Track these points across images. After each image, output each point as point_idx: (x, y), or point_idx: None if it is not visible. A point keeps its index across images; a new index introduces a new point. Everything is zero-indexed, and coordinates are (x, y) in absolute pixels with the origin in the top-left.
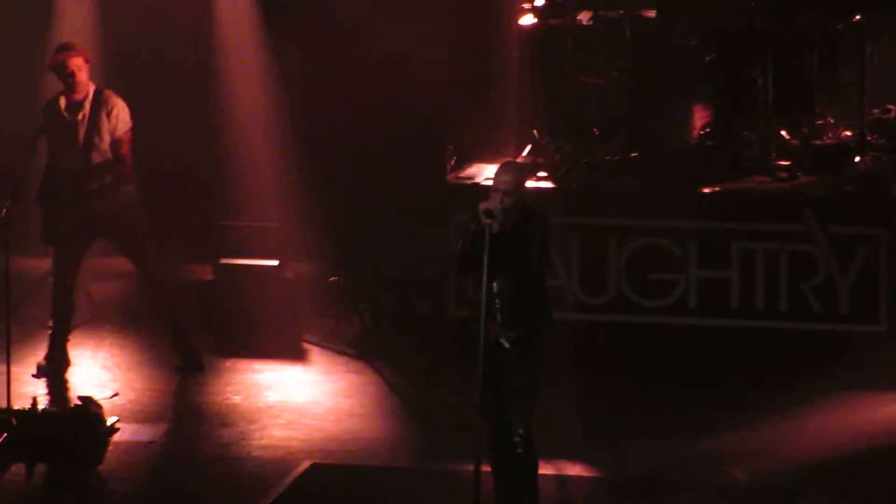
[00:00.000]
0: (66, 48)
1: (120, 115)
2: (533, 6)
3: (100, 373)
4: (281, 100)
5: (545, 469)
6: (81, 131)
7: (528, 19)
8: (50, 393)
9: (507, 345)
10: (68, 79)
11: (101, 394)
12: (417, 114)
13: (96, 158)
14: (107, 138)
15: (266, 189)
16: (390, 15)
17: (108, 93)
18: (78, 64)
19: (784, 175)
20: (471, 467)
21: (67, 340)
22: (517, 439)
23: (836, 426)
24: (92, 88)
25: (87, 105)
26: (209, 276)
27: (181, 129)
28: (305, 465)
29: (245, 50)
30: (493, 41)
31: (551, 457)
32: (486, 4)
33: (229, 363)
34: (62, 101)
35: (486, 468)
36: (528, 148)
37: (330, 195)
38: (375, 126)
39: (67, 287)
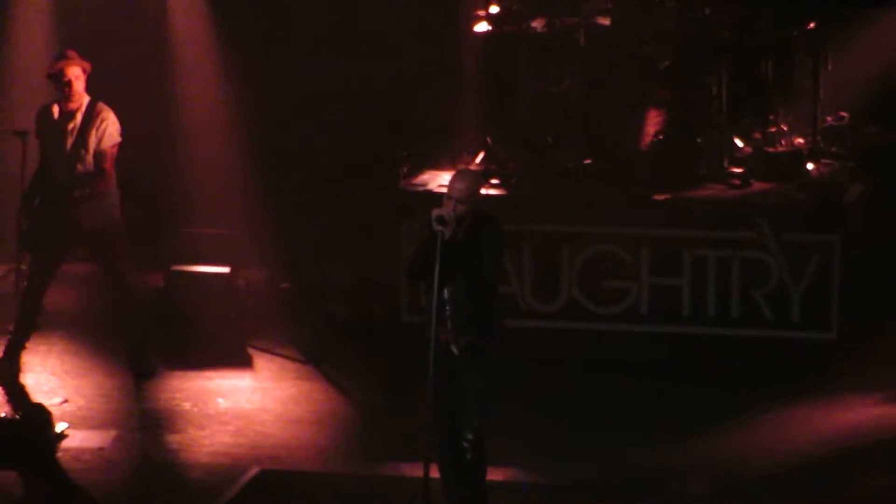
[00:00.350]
0: (64, 57)
1: (108, 129)
2: (487, 14)
3: (49, 379)
4: (234, 105)
5: (494, 475)
6: (69, 141)
7: (482, 27)
8: (2, 398)
9: (456, 351)
10: (65, 87)
11: (50, 400)
12: (372, 120)
13: (80, 169)
14: (93, 150)
15: (218, 195)
16: (346, 22)
17: (101, 105)
18: (76, 73)
19: (737, 182)
20: (421, 474)
21: (24, 348)
22: (467, 445)
23: (788, 433)
24: (86, 100)
25: (79, 116)
26: (161, 283)
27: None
28: (254, 471)
29: (197, 53)
30: (447, 49)
31: (500, 463)
32: (441, 12)
33: (180, 370)
34: (55, 109)
35: (436, 474)
36: (482, 155)
37: (282, 201)
38: (329, 132)
39: (38, 295)
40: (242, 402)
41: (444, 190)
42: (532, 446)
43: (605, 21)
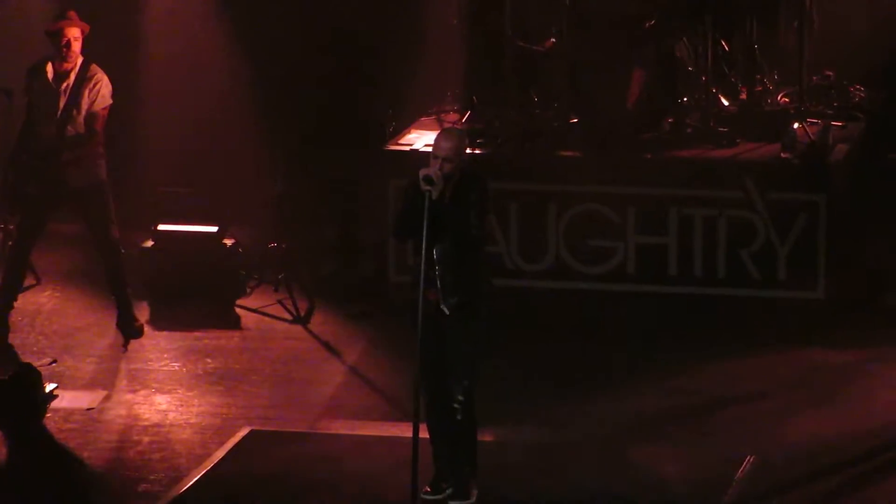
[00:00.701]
0: (65, 17)
1: (101, 91)
2: None
3: (38, 339)
4: (217, 62)
5: (483, 435)
6: (62, 101)
7: None
8: None
9: (447, 311)
10: (63, 48)
11: (38, 361)
12: (356, 78)
13: (70, 130)
14: (84, 111)
15: (205, 154)
16: None
17: (95, 67)
18: (75, 34)
19: (723, 141)
20: (410, 433)
21: (11, 308)
22: (457, 406)
23: (774, 393)
24: (80, 60)
25: (73, 76)
26: (148, 243)
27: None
28: (244, 431)
29: (186, 12)
30: (432, 6)
31: (490, 423)
32: None
33: (168, 330)
34: (49, 68)
35: (425, 434)
36: (468, 114)
37: (269, 160)
38: (314, 88)
39: (23, 255)
40: (231, 362)
41: (431, 149)
42: (522, 405)
43: None
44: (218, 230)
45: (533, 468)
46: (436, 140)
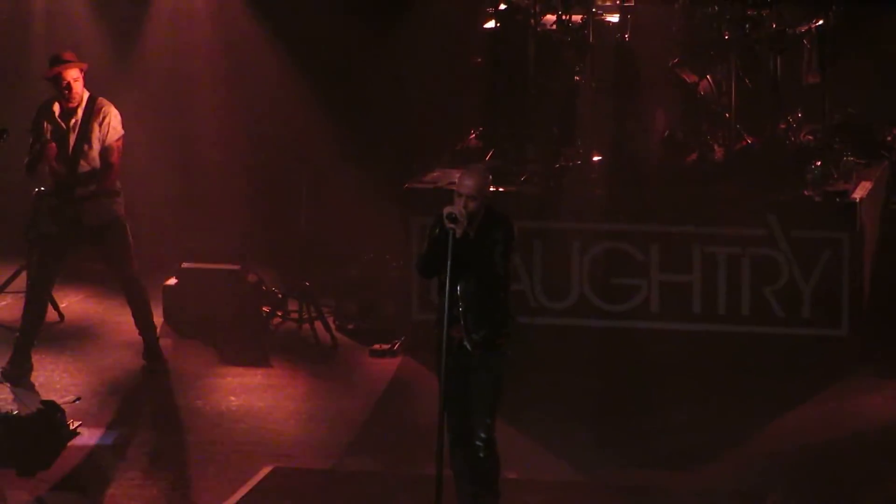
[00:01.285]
0: (60, 61)
1: (112, 124)
2: (496, 10)
3: (62, 377)
4: (240, 106)
5: (505, 473)
6: (72, 138)
7: (491, 23)
8: (13, 397)
9: (469, 347)
10: (64, 91)
11: (63, 398)
12: (381, 118)
13: (84, 166)
14: (97, 146)
15: (229, 193)
16: (355, 20)
17: (102, 101)
18: (74, 76)
19: (747, 179)
20: (433, 471)
21: (33, 345)
22: (479, 443)
23: (799, 429)
24: (86, 96)
25: (80, 112)
26: (171, 280)
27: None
28: (267, 468)
29: (210, 53)
30: (457, 45)
31: (514, 460)
32: (451, 9)
33: (192, 367)
34: (56, 107)
35: (448, 472)
36: (491, 152)
37: (291, 200)
38: (338, 129)
39: (43, 290)
40: (254, 400)
41: (454, 187)
42: (546, 443)
43: (614, 18)
44: (241, 267)
45: None
46: (459, 178)
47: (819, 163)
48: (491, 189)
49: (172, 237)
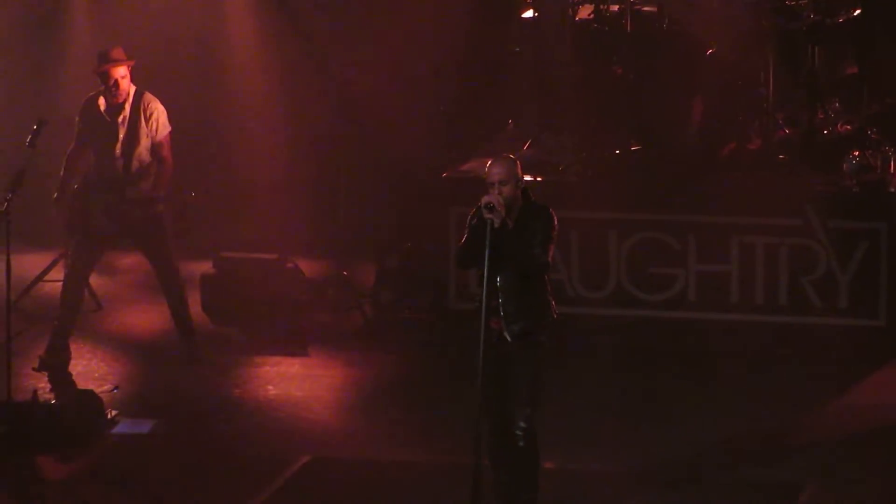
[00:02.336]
0: (108, 59)
1: (160, 119)
2: (534, 0)
3: (100, 366)
4: (282, 96)
5: (545, 463)
6: (121, 133)
7: (529, 13)
8: (51, 386)
9: (509, 338)
10: (112, 88)
11: (101, 387)
12: (419, 108)
13: (134, 164)
14: (145, 142)
15: (268, 183)
16: (392, 9)
17: (149, 96)
18: (122, 73)
19: (784, 169)
20: (471, 461)
21: (70, 334)
22: (519, 433)
23: (836, 419)
24: (133, 90)
25: (128, 107)
26: (210, 269)
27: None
28: (305, 458)
29: (244, 45)
30: (495, 35)
31: (552, 451)
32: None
33: (229, 357)
34: (101, 102)
35: (486, 462)
36: (529, 142)
37: (331, 189)
38: (378, 119)
39: (80, 280)
40: (292, 389)
41: (486, 178)
42: (584, 434)
43: (651, 8)
44: (279, 257)
45: (595, 498)
46: (488, 168)
47: (857, 153)
48: (522, 174)
49: (211, 226)
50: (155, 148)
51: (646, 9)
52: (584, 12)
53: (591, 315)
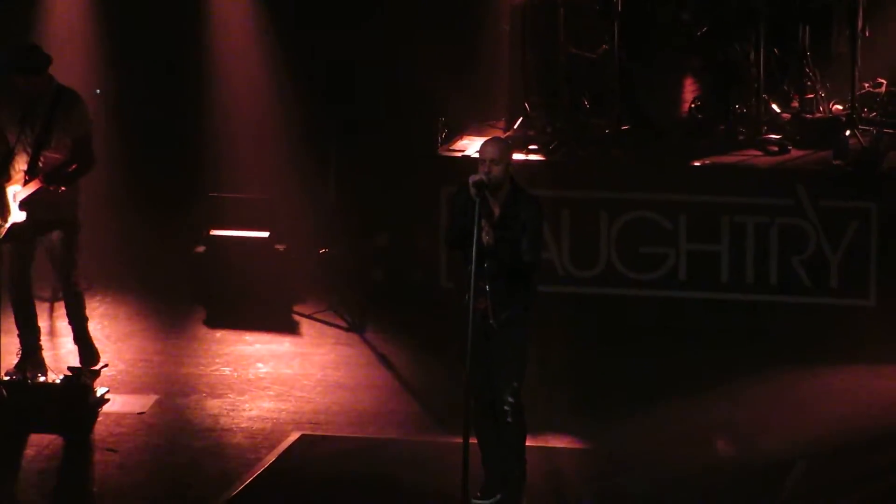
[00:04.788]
0: (32, 49)
1: (83, 112)
2: None
3: None
4: (270, 72)
5: (532, 441)
6: (37, 126)
7: None
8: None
9: (496, 326)
10: (33, 78)
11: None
12: (410, 87)
13: (50, 157)
14: (64, 137)
15: (257, 161)
16: None
17: (69, 90)
18: (40, 69)
19: (775, 149)
20: (459, 439)
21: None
22: (507, 408)
23: (826, 400)
24: (53, 84)
25: (48, 101)
26: (199, 248)
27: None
28: (294, 436)
29: (236, 22)
30: (484, 14)
31: (539, 429)
32: None
33: (219, 335)
34: (21, 96)
35: (474, 440)
36: (520, 121)
37: (321, 167)
38: (366, 97)
39: (24, 275)
40: (282, 368)
41: (478, 155)
42: (571, 412)
43: None
44: (269, 235)
45: (582, 475)
46: (481, 147)
47: (848, 133)
48: (514, 157)
49: (199, 204)
50: (78, 143)
51: None
52: None
53: (580, 294)
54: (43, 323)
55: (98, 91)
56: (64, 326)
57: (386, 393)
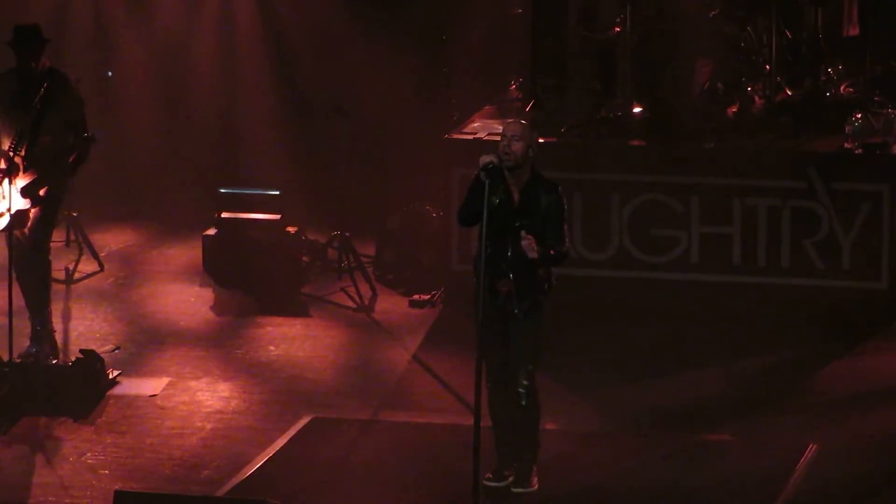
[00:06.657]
0: (26, 30)
1: (77, 96)
2: None
3: (101, 326)
4: (285, 51)
5: (546, 424)
6: (34, 110)
7: None
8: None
9: (519, 314)
10: (29, 61)
11: (102, 347)
12: (421, 69)
13: (44, 140)
14: (57, 120)
15: (270, 146)
16: None
17: (62, 75)
18: (34, 48)
19: (787, 131)
20: (471, 421)
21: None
22: (522, 390)
23: (839, 382)
24: (46, 66)
25: (40, 84)
26: (211, 230)
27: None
28: (306, 418)
29: (244, 13)
30: None
31: (553, 411)
32: None
33: (231, 317)
34: (15, 78)
35: (487, 423)
36: (532, 103)
37: (332, 150)
38: (378, 80)
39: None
40: (294, 350)
41: (494, 138)
42: (585, 394)
43: None
44: (281, 217)
45: (594, 457)
46: (505, 125)
47: (859, 115)
48: (537, 139)
49: (212, 186)
50: (75, 126)
51: None
52: None
53: (592, 276)
54: (56, 305)
55: (110, 73)
56: (77, 309)
57: (398, 375)
